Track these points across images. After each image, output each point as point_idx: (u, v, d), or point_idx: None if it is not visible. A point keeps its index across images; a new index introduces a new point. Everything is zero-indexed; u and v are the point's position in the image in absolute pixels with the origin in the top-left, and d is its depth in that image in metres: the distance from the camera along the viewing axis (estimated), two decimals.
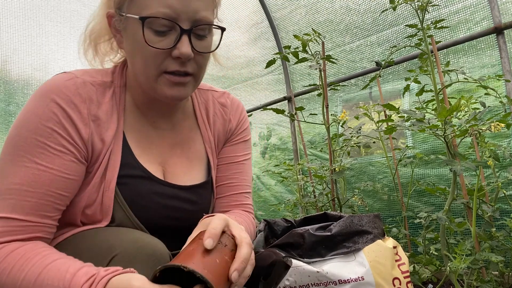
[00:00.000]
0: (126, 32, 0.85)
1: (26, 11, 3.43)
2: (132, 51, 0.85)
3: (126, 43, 0.87)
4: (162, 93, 0.85)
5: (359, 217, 0.83)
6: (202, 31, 0.84)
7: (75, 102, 0.83)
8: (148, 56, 0.81)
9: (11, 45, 3.35)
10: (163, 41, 0.80)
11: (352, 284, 0.74)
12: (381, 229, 0.85)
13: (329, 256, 0.76)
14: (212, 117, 1.05)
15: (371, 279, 0.75)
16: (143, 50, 0.81)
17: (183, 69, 0.83)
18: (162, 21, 0.79)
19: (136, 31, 0.81)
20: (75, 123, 0.82)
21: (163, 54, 0.81)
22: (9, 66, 3.38)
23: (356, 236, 0.79)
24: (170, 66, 0.82)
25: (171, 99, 0.86)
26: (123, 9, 0.83)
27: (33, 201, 0.77)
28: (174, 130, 1.00)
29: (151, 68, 0.83)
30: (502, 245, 1.50)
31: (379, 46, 2.68)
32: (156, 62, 0.82)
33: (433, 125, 1.32)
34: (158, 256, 0.74)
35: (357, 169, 2.75)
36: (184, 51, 0.80)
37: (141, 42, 0.80)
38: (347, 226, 0.79)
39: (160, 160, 0.96)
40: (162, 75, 0.83)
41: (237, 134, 1.08)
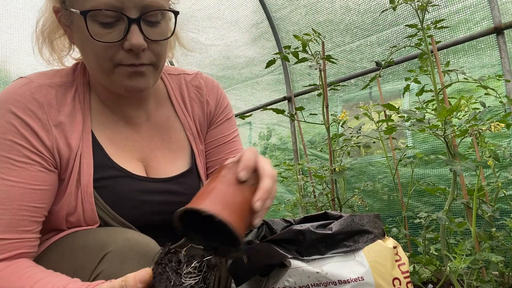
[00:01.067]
0: (73, 26, 0.80)
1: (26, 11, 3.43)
2: (82, 46, 0.80)
3: (76, 38, 0.81)
4: (120, 85, 0.79)
5: (360, 217, 0.83)
6: (153, 17, 0.77)
7: (32, 109, 0.78)
8: (98, 50, 0.76)
9: (10, 45, 3.35)
10: (111, 33, 0.75)
11: (352, 284, 0.74)
12: (382, 229, 0.85)
13: (329, 254, 0.76)
14: (189, 101, 1.00)
15: (371, 279, 0.75)
16: (92, 44, 0.75)
17: (138, 62, 0.77)
18: (106, 12, 0.73)
19: (82, 26, 0.75)
20: (36, 131, 0.78)
21: (113, 47, 0.75)
22: (8, 66, 3.38)
23: (356, 235, 0.79)
24: (124, 60, 0.77)
25: (131, 90, 0.80)
26: (66, 2, 0.78)
27: (7, 219, 0.74)
28: (149, 121, 0.95)
29: (104, 62, 0.77)
30: (502, 245, 1.50)
31: (379, 46, 2.68)
32: (107, 55, 0.76)
33: (433, 125, 1.32)
34: (150, 254, 0.73)
35: (357, 169, 2.75)
36: (134, 42, 0.74)
37: (88, 37, 0.74)
38: (348, 225, 0.79)
39: (139, 156, 0.92)
40: (118, 66, 0.78)
41: (219, 113, 1.03)
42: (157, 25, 0.78)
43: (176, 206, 0.92)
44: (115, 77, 0.79)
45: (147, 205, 0.89)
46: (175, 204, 0.92)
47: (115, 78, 0.79)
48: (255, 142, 3.71)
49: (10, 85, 0.81)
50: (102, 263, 0.71)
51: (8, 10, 3.35)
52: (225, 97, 1.06)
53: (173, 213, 0.91)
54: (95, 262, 0.71)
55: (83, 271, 0.72)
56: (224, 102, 1.05)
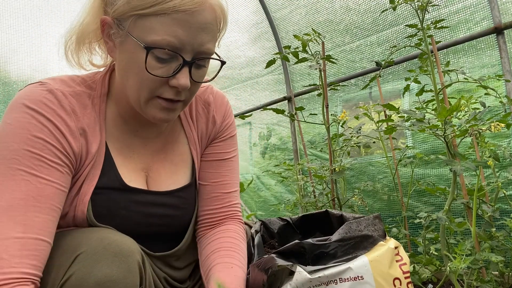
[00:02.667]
0: (122, 46, 0.80)
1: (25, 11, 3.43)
2: (126, 68, 0.81)
3: (120, 57, 0.82)
4: (150, 115, 0.82)
5: (357, 222, 0.83)
6: (202, 61, 0.81)
7: (61, 115, 0.79)
8: (144, 79, 0.78)
9: (10, 45, 3.35)
10: (162, 68, 0.77)
11: (351, 283, 0.74)
12: (382, 230, 0.85)
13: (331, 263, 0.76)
14: (195, 115, 1.02)
15: (371, 279, 0.75)
16: (140, 72, 0.78)
17: (177, 98, 0.81)
18: (165, 51, 0.75)
19: (136, 53, 0.77)
20: (66, 135, 0.79)
21: (160, 81, 0.78)
22: (8, 67, 3.38)
23: (357, 242, 0.79)
24: (165, 93, 0.80)
25: (159, 121, 0.84)
26: (124, 24, 0.78)
27: (42, 218, 0.72)
28: (159, 136, 0.97)
29: (144, 91, 0.80)
30: (502, 245, 1.50)
31: (379, 46, 2.68)
32: (151, 87, 0.79)
33: (433, 125, 1.32)
34: (125, 253, 0.72)
35: (357, 169, 2.75)
36: (183, 83, 0.78)
37: (140, 65, 0.77)
38: (346, 233, 0.79)
39: (142, 166, 0.93)
40: (154, 98, 0.81)
41: (224, 130, 1.05)
42: (202, 68, 0.83)
43: (171, 219, 0.95)
44: (149, 106, 0.82)
45: (142, 216, 0.89)
46: (169, 218, 0.94)
47: (149, 107, 0.82)
48: (255, 142, 3.71)
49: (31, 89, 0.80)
50: (74, 264, 0.70)
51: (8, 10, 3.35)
52: (231, 115, 1.08)
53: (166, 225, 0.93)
54: (68, 263, 0.70)
55: (57, 272, 0.71)
56: (230, 120, 1.06)
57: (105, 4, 0.82)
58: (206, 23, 0.77)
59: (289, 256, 0.77)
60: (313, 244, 0.77)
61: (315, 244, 0.77)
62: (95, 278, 0.68)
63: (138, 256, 0.75)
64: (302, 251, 0.77)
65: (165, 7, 0.73)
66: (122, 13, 0.77)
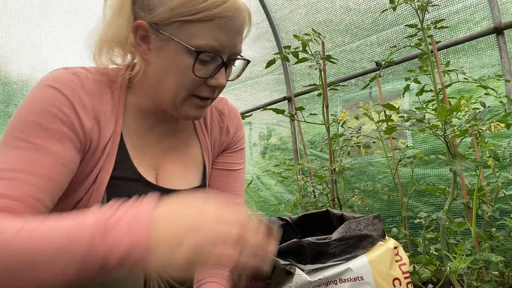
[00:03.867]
0: (162, 50, 0.83)
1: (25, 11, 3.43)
2: (165, 70, 0.84)
3: (158, 60, 0.84)
4: (184, 113, 0.87)
5: (357, 222, 0.82)
6: (233, 61, 0.88)
7: (80, 95, 0.81)
8: (185, 80, 0.83)
9: (10, 45, 3.35)
10: (203, 70, 0.82)
11: (351, 283, 0.74)
12: (381, 230, 0.85)
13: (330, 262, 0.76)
14: (210, 123, 1.06)
15: (371, 279, 0.75)
16: (182, 74, 0.82)
17: (212, 96, 0.87)
18: (210, 53, 0.81)
19: (179, 56, 0.81)
20: (79, 114, 0.80)
21: (200, 81, 0.83)
22: (8, 67, 3.38)
23: (356, 241, 0.79)
24: (202, 92, 0.85)
25: (191, 118, 0.89)
26: (164, 29, 0.81)
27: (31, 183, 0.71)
28: (171, 136, 0.99)
29: (183, 91, 0.84)
30: (502, 245, 1.50)
31: (379, 46, 2.68)
32: (190, 87, 0.84)
33: (433, 125, 1.32)
34: None
35: (357, 169, 2.75)
36: (222, 82, 0.84)
37: (183, 68, 0.81)
38: (345, 232, 0.79)
39: (152, 164, 0.95)
40: (191, 97, 0.85)
41: (235, 142, 1.10)
42: (231, 67, 0.90)
43: None
44: (185, 105, 0.86)
45: None
46: None
47: (184, 106, 0.86)
48: (255, 142, 3.71)
49: (56, 71, 0.83)
50: None
51: (7, 10, 3.35)
52: (242, 128, 1.13)
53: None
54: None
55: None
56: (241, 133, 1.12)
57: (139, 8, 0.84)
58: (241, 25, 0.84)
59: (287, 255, 0.77)
60: (312, 242, 0.77)
61: (315, 243, 0.77)
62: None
63: None
64: (301, 250, 0.76)
65: (210, 14, 0.79)
66: (163, 19, 0.81)
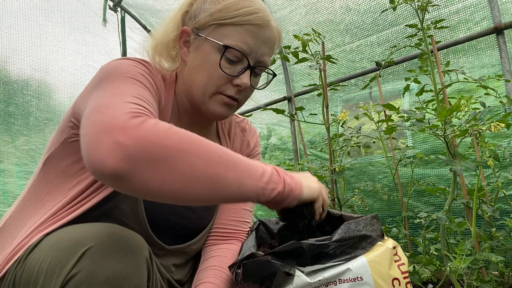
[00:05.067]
0: (197, 49, 0.95)
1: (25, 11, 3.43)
2: (198, 66, 0.94)
3: (194, 58, 0.96)
4: (211, 108, 0.95)
5: (356, 222, 0.82)
6: (260, 71, 0.99)
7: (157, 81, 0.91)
8: (214, 76, 0.93)
9: (10, 45, 3.35)
10: (230, 68, 0.93)
11: (350, 284, 0.74)
12: (380, 230, 0.85)
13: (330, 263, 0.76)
14: (233, 136, 1.16)
15: (370, 279, 0.74)
16: (211, 70, 0.92)
17: (236, 96, 0.95)
18: (237, 53, 0.91)
19: (211, 54, 0.92)
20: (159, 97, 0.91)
21: (226, 78, 0.93)
22: (8, 66, 3.38)
23: (355, 242, 0.79)
24: (228, 91, 0.94)
25: (217, 115, 0.97)
26: (203, 32, 0.94)
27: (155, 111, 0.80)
28: None
29: (211, 87, 0.93)
30: (502, 245, 1.50)
31: (379, 46, 2.68)
32: (218, 83, 0.93)
33: (433, 125, 1.32)
34: (134, 249, 0.72)
35: (357, 169, 2.75)
36: (245, 82, 0.93)
37: (213, 63, 0.92)
38: (345, 233, 0.79)
39: None
40: (218, 94, 0.94)
41: (254, 155, 1.21)
42: (258, 76, 1.01)
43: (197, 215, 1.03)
44: (212, 101, 0.95)
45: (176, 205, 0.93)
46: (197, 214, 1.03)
47: (211, 102, 0.95)
48: None
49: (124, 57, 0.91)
50: (83, 259, 0.68)
51: (8, 10, 3.35)
52: (259, 146, 1.25)
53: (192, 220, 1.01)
54: (75, 257, 0.69)
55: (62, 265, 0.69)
56: (259, 149, 1.24)
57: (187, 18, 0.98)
58: (269, 38, 0.96)
59: (286, 257, 0.77)
60: (311, 244, 0.77)
61: (314, 244, 0.76)
62: (104, 273, 0.67)
63: (146, 252, 0.76)
64: (301, 251, 0.76)
65: (242, 19, 0.91)
66: (203, 23, 0.94)
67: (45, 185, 0.90)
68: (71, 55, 3.72)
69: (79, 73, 3.71)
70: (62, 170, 0.89)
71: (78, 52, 3.76)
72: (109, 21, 3.97)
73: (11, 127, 3.39)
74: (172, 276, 1.00)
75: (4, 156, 3.34)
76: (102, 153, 0.62)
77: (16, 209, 0.92)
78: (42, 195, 0.90)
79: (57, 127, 0.95)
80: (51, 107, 3.64)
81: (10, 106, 3.39)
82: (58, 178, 0.89)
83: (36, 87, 3.54)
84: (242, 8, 0.92)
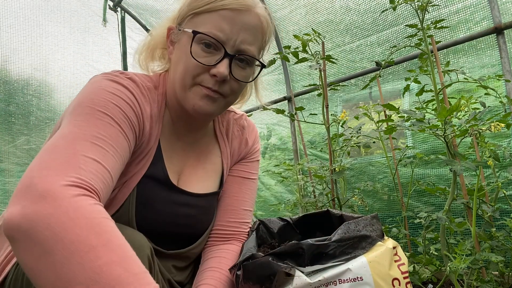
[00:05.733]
0: (178, 44, 0.93)
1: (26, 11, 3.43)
2: (177, 60, 0.92)
3: (175, 54, 0.94)
4: (192, 102, 0.90)
5: (356, 223, 0.82)
6: (243, 61, 0.92)
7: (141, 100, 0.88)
8: (189, 66, 0.88)
9: (11, 45, 3.35)
10: (207, 57, 0.88)
11: (351, 284, 0.74)
12: (380, 230, 0.85)
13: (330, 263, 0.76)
14: (231, 135, 1.14)
15: (370, 279, 0.75)
16: (187, 60, 0.89)
17: (215, 88, 0.89)
18: (211, 39, 0.87)
19: (187, 45, 0.89)
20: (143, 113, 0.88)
21: (202, 68, 0.88)
22: (9, 66, 3.38)
23: (355, 242, 0.79)
24: (205, 81, 0.89)
25: (200, 110, 0.90)
26: (182, 24, 0.93)
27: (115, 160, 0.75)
28: (194, 143, 1.06)
29: (188, 78, 0.89)
30: (502, 245, 1.50)
31: (379, 46, 2.67)
32: (194, 73, 0.89)
33: (433, 125, 1.32)
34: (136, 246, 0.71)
35: (357, 169, 2.75)
36: (221, 71, 0.87)
37: (188, 54, 0.88)
38: (345, 233, 0.79)
39: (177, 169, 1.01)
40: (196, 85, 0.90)
41: (252, 153, 1.17)
42: (244, 68, 0.93)
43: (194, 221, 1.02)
44: (191, 94, 0.90)
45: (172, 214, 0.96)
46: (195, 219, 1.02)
47: (190, 94, 0.90)
48: None
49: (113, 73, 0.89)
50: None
51: (8, 10, 3.35)
52: (259, 142, 1.22)
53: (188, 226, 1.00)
54: None
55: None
56: (258, 146, 1.21)
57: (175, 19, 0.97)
58: (249, 24, 0.89)
59: (286, 257, 0.77)
60: (311, 244, 0.77)
61: (314, 244, 0.77)
62: None
63: (148, 250, 0.76)
64: (301, 252, 0.76)
65: (215, 6, 0.87)
66: (183, 16, 0.92)
67: None
68: (71, 55, 3.72)
69: (79, 72, 3.71)
70: None
71: (78, 52, 3.76)
72: (109, 21, 3.96)
73: (12, 126, 3.39)
74: (173, 277, 1.00)
75: (5, 156, 3.34)
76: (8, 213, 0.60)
77: None
78: None
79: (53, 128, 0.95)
80: (52, 107, 3.64)
81: (11, 105, 3.39)
82: None
83: (37, 87, 3.54)
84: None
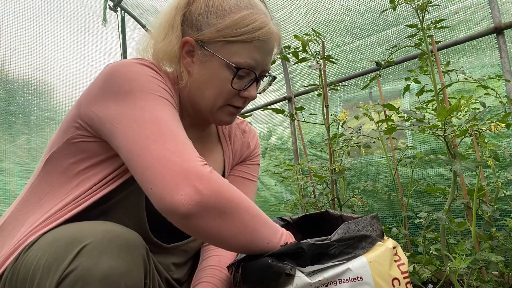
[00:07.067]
0: (205, 64, 0.94)
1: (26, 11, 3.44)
2: (206, 81, 0.95)
3: (200, 72, 0.95)
4: (219, 119, 0.99)
5: (355, 222, 0.82)
6: (263, 77, 1.01)
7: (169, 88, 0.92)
8: (223, 92, 0.95)
9: (11, 44, 3.36)
10: (239, 83, 0.94)
11: (351, 284, 0.74)
12: (380, 230, 0.85)
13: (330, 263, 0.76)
14: (233, 137, 1.18)
15: (370, 279, 0.75)
16: (221, 86, 0.94)
17: (243, 106, 1.00)
18: (246, 70, 0.93)
19: (220, 70, 0.93)
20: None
21: (235, 92, 0.95)
22: (9, 65, 3.39)
23: (355, 242, 0.79)
24: (236, 102, 0.97)
25: (223, 123, 1.02)
26: (209, 46, 0.93)
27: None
28: (198, 141, 1.06)
29: (220, 101, 0.96)
30: (502, 245, 1.50)
31: (379, 46, 2.68)
32: (227, 97, 0.96)
33: (433, 125, 1.32)
34: (131, 247, 0.72)
35: (357, 169, 2.75)
36: (254, 95, 0.97)
37: (223, 80, 0.93)
38: (345, 233, 0.79)
39: None
40: (226, 106, 0.97)
41: (253, 157, 1.22)
42: (260, 81, 1.03)
43: None
44: (220, 112, 0.98)
45: None
46: None
47: (219, 113, 0.98)
48: None
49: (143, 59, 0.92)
50: (80, 256, 0.69)
51: (8, 10, 3.35)
52: (259, 147, 1.27)
53: None
54: (72, 254, 0.69)
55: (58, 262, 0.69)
56: (259, 150, 1.25)
57: (188, 27, 0.96)
58: (273, 48, 0.98)
59: (286, 258, 0.77)
60: (312, 244, 0.77)
61: (314, 244, 0.77)
62: (100, 270, 0.67)
63: (143, 250, 0.76)
64: (301, 252, 0.76)
65: (251, 37, 0.92)
66: (209, 38, 0.93)
67: (46, 185, 0.90)
68: (72, 55, 3.72)
69: (79, 72, 3.72)
70: (64, 170, 0.89)
71: (78, 51, 3.77)
72: (109, 21, 3.97)
73: (12, 126, 3.39)
74: (171, 275, 1.00)
75: (5, 155, 3.34)
76: (182, 196, 0.70)
77: (15, 208, 0.92)
78: (42, 194, 0.90)
79: (59, 126, 0.94)
80: (52, 106, 3.64)
81: (11, 105, 3.39)
82: (60, 178, 0.89)
83: (37, 86, 3.54)
84: (249, 24, 0.92)
